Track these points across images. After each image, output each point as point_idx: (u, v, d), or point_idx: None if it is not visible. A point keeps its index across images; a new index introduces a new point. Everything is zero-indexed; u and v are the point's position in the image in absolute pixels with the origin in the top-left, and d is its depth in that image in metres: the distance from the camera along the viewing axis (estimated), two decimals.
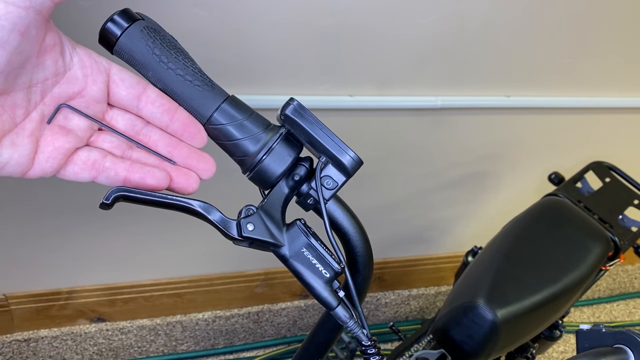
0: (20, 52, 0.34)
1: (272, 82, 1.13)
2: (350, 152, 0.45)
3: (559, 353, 1.74)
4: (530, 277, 0.95)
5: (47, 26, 0.37)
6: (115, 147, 0.43)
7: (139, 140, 0.43)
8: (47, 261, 1.23)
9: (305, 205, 0.48)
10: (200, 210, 0.44)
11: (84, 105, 0.40)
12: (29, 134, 0.38)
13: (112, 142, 0.42)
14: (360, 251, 0.53)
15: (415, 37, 1.16)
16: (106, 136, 0.43)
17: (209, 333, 1.49)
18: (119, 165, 0.42)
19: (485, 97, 1.32)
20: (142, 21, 0.43)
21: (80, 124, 0.41)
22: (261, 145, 0.44)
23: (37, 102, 0.38)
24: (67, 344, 1.35)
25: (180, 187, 0.44)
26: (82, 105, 0.40)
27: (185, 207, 0.44)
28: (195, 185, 0.44)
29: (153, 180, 0.42)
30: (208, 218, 0.44)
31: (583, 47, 1.33)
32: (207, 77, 0.45)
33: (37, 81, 0.38)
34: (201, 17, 1.00)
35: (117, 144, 0.43)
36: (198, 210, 0.44)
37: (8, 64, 0.34)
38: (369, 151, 1.30)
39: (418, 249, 1.63)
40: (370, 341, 0.47)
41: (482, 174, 1.51)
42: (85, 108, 0.40)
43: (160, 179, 0.42)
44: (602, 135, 1.55)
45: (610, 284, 2.02)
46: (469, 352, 0.90)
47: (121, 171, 0.42)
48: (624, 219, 1.13)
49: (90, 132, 0.42)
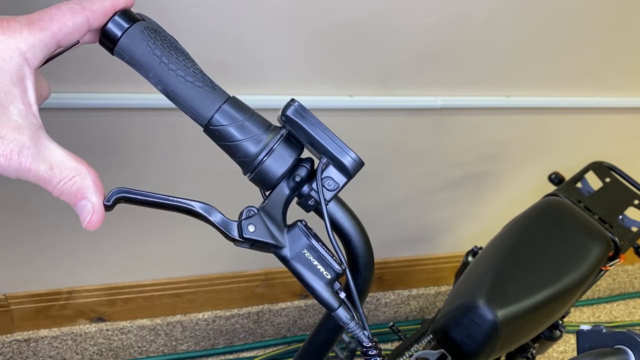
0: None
1: (272, 83, 1.13)
2: (351, 153, 0.45)
3: (559, 353, 1.74)
4: (531, 277, 0.95)
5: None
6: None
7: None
8: (47, 261, 1.23)
9: (306, 206, 0.47)
10: (201, 211, 0.44)
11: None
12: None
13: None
14: (361, 252, 0.53)
15: (415, 37, 1.16)
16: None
17: (209, 333, 1.49)
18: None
19: (485, 97, 1.32)
20: (142, 22, 0.43)
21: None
22: (262, 146, 0.44)
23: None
24: (67, 344, 1.35)
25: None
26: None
27: (186, 208, 0.44)
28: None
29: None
30: (209, 219, 0.44)
31: (583, 47, 1.33)
32: (208, 78, 0.45)
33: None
34: (201, 17, 1.00)
35: None
36: (199, 212, 0.44)
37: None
38: (369, 151, 1.30)
39: (418, 249, 1.63)
40: (371, 342, 0.47)
41: (482, 174, 1.51)
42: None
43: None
44: (602, 135, 1.55)
45: (610, 284, 2.02)
46: (469, 352, 0.90)
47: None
48: (624, 219, 1.12)
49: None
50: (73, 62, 0.97)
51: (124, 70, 0.50)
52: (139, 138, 1.12)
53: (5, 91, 0.36)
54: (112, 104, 1.04)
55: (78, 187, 0.40)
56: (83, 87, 1.01)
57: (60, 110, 1.03)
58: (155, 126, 1.11)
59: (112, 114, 1.07)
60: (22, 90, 0.37)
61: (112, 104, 1.04)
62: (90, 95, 1.02)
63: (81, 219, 0.41)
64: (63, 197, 0.40)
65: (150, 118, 1.10)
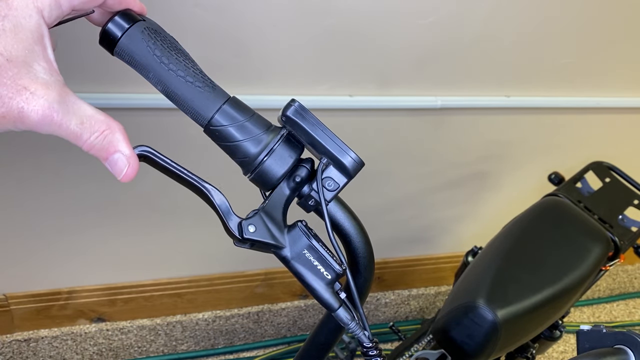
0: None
1: (272, 83, 1.13)
2: (352, 154, 0.45)
3: (559, 353, 1.74)
4: (531, 277, 0.95)
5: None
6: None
7: None
8: (47, 261, 1.23)
9: (307, 206, 0.47)
10: (209, 192, 0.44)
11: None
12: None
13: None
14: (361, 252, 0.53)
15: (415, 37, 1.16)
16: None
17: (209, 333, 1.49)
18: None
19: (485, 97, 1.32)
20: (142, 22, 0.43)
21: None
22: (262, 146, 0.44)
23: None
24: (67, 344, 1.35)
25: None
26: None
27: (197, 186, 0.44)
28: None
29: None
30: (213, 203, 0.44)
31: (583, 47, 1.33)
32: (208, 78, 0.45)
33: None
34: (201, 17, 1.00)
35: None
36: (207, 193, 0.44)
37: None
38: (369, 151, 1.30)
39: (418, 249, 1.63)
40: (371, 342, 0.47)
41: (482, 174, 1.51)
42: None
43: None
44: (602, 135, 1.55)
45: (610, 284, 2.02)
46: (469, 352, 0.90)
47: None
48: (624, 219, 1.12)
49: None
50: (73, 62, 0.97)
51: (124, 70, 0.50)
52: (139, 138, 1.12)
53: (28, 49, 0.36)
54: (112, 104, 1.04)
55: (110, 140, 0.40)
56: (83, 87, 1.01)
57: None
58: (155, 126, 1.11)
59: (112, 114, 1.06)
60: (43, 48, 0.37)
61: (112, 104, 1.04)
62: (90, 95, 1.02)
63: (115, 172, 0.41)
64: (94, 151, 0.40)
65: (150, 118, 1.10)
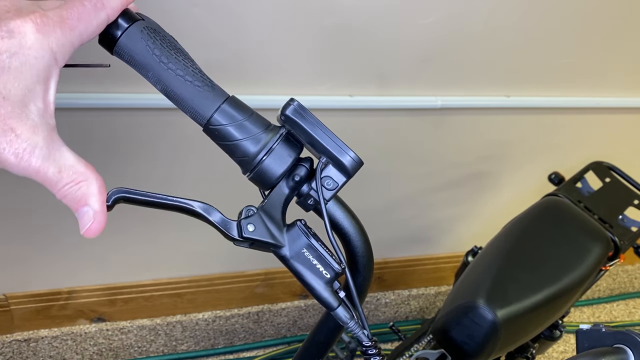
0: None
1: (272, 82, 1.13)
2: (351, 153, 0.45)
3: (559, 353, 1.74)
4: (530, 277, 0.95)
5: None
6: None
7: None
8: (48, 261, 1.23)
9: (306, 205, 0.47)
10: (201, 211, 0.44)
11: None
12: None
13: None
14: (360, 252, 0.53)
15: (415, 37, 1.16)
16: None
17: (209, 333, 1.49)
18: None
19: (485, 97, 1.32)
20: (142, 21, 0.43)
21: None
22: (261, 145, 0.44)
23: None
24: (67, 344, 1.35)
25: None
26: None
27: (186, 208, 0.44)
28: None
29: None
30: (208, 219, 0.44)
31: (583, 47, 1.33)
32: (207, 78, 0.45)
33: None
34: (201, 17, 1.00)
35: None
36: (198, 212, 0.44)
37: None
38: (369, 151, 1.30)
39: (418, 249, 1.63)
40: (370, 342, 0.47)
41: (482, 174, 1.51)
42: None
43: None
44: (602, 135, 1.55)
45: (610, 284, 2.02)
46: (469, 352, 0.90)
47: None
48: (624, 219, 1.12)
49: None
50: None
51: (123, 70, 0.50)
52: (139, 138, 1.12)
53: (29, 88, 0.36)
54: (112, 104, 1.04)
55: (83, 192, 0.40)
56: (82, 87, 1.01)
57: (59, 110, 1.02)
58: (155, 126, 1.11)
59: (112, 114, 1.07)
60: (45, 89, 0.37)
61: (112, 104, 1.04)
62: (89, 95, 1.02)
63: (80, 225, 0.41)
64: (66, 200, 0.40)
65: (150, 118, 1.10)
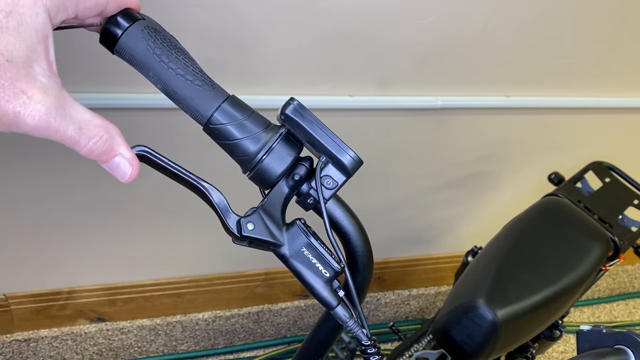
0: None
1: (272, 82, 1.13)
2: (350, 152, 0.45)
3: (559, 353, 1.74)
4: (530, 277, 0.95)
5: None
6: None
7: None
8: (47, 261, 1.23)
9: (305, 204, 0.48)
10: (207, 191, 0.45)
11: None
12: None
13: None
14: (360, 251, 0.53)
15: (415, 37, 1.16)
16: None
17: (209, 333, 1.49)
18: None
19: (485, 97, 1.32)
20: (142, 21, 0.43)
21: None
22: (261, 145, 0.44)
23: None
24: (67, 344, 1.35)
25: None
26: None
27: (195, 185, 0.45)
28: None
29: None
30: (211, 201, 0.44)
31: (583, 47, 1.33)
32: (208, 77, 0.45)
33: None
34: (201, 17, 1.00)
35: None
36: (204, 191, 0.44)
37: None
38: (369, 151, 1.30)
39: (418, 249, 1.63)
40: (370, 341, 0.47)
41: (482, 174, 1.51)
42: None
43: None
44: (602, 135, 1.55)
45: (610, 284, 2.02)
46: (469, 352, 0.90)
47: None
48: (624, 219, 1.12)
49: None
50: (72, 61, 0.97)
51: (123, 69, 0.50)
52: (139, 138, 1.12)
53: (30, 49, 0.35)
54: (112, 104, 1.04)
55: (110, 145, 0.40)
56: (82, 87, 1.01)
57: None
58: (155, 125, 1.12)
59: (112, 114, 1.07)
60: (45, 48, 0.36)
61: (112, 104, 1.04)
62: (90, 95, 1.02)
63: (118, 174, 0.41)
64: (93, 155, 0.39)
65: (150, 118, 1.10)
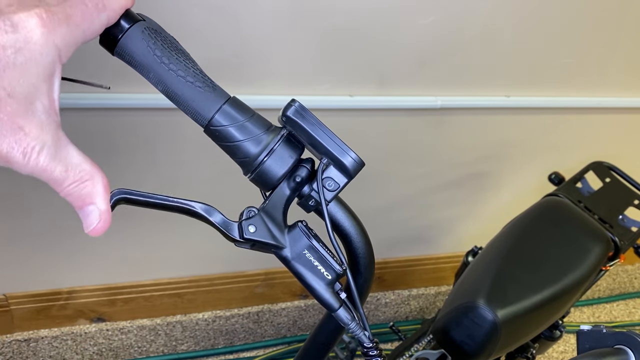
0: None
1: (272, 83, 1.13)
2: (352, 154, 0.45)
3: (559, 353, 1.74)
4: (531, 278, 0.95)
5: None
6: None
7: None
8: (47, 261, 1.23)
9: (307, 206, 0.47)
10: (202, 212, 0.44)
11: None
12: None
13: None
14: (361, 253, 0.53)
15: (415, 37, 1.16)
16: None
17: (209, 333, 1.49)
18: None
19: (485, 97, 1.32)
20: (142, 22, 0.43)
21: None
22: (262, 146, 0.44)
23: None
24: (67, 344, 1.35)
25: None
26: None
27: (187, 209, 0.44)
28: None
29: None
30: (209, 220, 0.44)
31: (583, 47, 1.33)
32: (209, 78, 0.45)
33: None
34: (201, 17, 1.00)
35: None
36: (199, 213, 0.44)
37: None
38: (369, 151, 1.30)
39: (418, 249, 1.63)
40: (372, 343, 0.47)
41: (482, 174, 1.51)
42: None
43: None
44: (602, 135, 1.55)
45: (610, 284, 2.02)
46: (469, 352, 0.90)
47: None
48: (624, 219, 1.12)
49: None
50: (72, 61, 0.97)
51: (124, 70, 0.50)
52: (139, 138, 1.12)
53: (34, 86, 0.35)
54: (112, 104, 1.04)
55: (88, 191, 0.39)
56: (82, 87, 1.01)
57: (60, 110, 1.02)
58: (156, 126, 1.11)
59: (113, 114, 1.07)
60: (49, 87, 0.37)
61: (112, 104, 1.04)
62: (90, 95, 1.02)
63: (86, 224, 0.40)
64: (70, 199, 0.39)
65: (150, 118, 1.10)
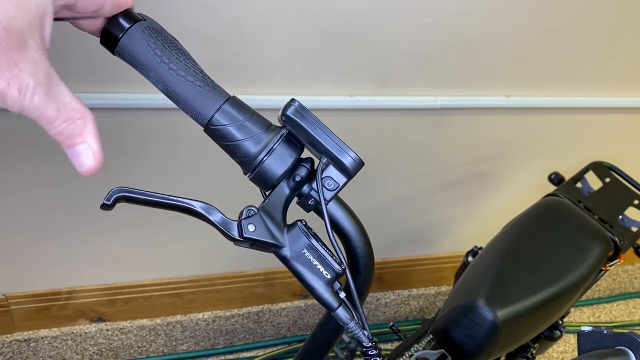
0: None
1: (272, 82, 1.13)
2: (351, 153, 0.45)
3: (559, 353, 1.74)
4: (531, 277, 0.95)
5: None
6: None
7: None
8: (47, 261, 1.23)
9: (306, 206, 0.47)
10: (201, 211, 0.44)
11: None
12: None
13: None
14: (361, 252, 0.53)
15: (415, 37, 1.16)
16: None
17: (209, 333, 1.49)
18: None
19: (485, 97, 1.32)
20: (143, 22, 0.43)
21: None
22: (262, 146, 0.44)
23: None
24: (67, 344, 1.35)
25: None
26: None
27: (186, 207, 0.44)
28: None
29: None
30: (209, 219, 0.44)
31: (583, 47, 1.33)
32: (209, 78, 0.45)
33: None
34: (201, 17, 1.00)
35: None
36: (199, 211, 0.44)
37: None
38: (369, 151, 1.30)
39: (418, 249, 1.63)
40: (371, 342, 0.47)
41: (482, 174, 1.51)
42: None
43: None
44: (602, 135, 1.55)
45: (610, 284, 2.02)
46: (469, 352, 0.90)
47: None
48: (624, 219, 1.12)
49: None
50: (73, 61, 0.97)
51: (124, 70, 0.50)
52: (140, 138, 1.12)
53: (28, 21, 0.35)
54: (112, 104, 1.04)
55: (80, 130, 0.39)
56: (82, 87, 1.01)
57: None
58: (156, 126, 1.11)
59: (112, 114, 1.07)
60: (42, 24, 0.36)
61: (112, 104, 1.04)
62: (90, 95, 1.02)
63: (77, 163, 0.39)
64: (60, 137, 0.38)
65: (151, 118, 1.10)
